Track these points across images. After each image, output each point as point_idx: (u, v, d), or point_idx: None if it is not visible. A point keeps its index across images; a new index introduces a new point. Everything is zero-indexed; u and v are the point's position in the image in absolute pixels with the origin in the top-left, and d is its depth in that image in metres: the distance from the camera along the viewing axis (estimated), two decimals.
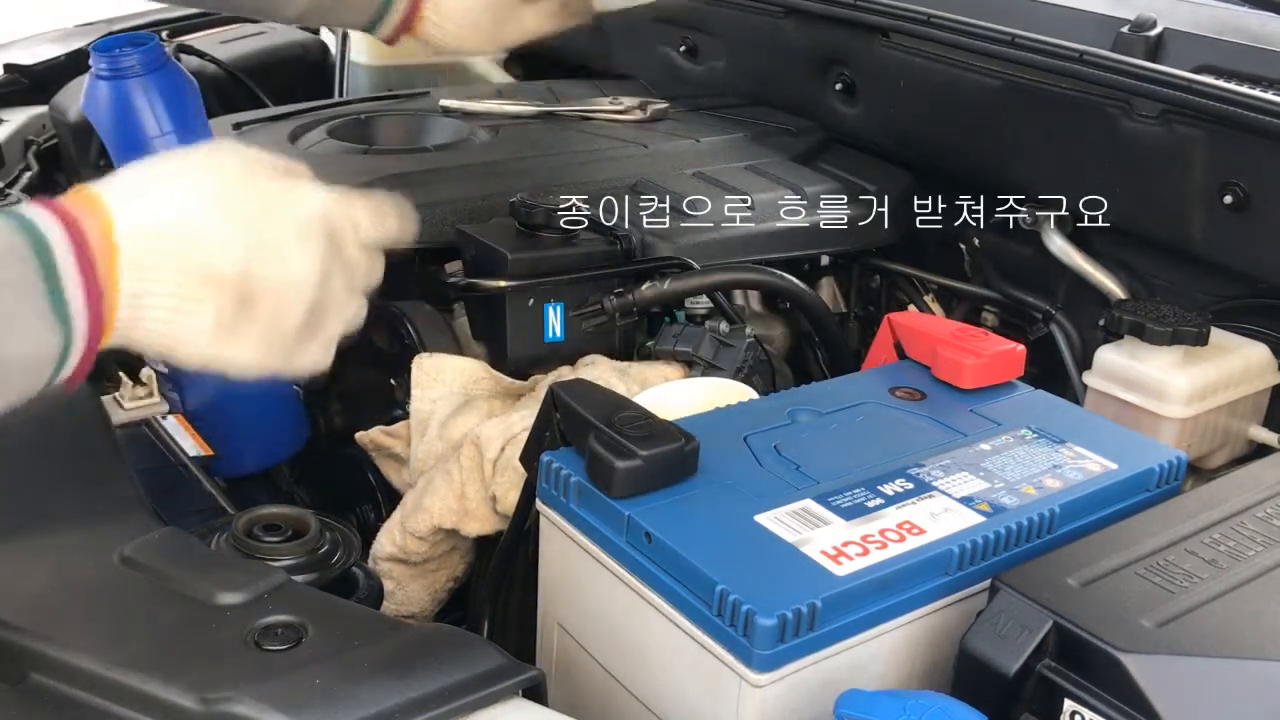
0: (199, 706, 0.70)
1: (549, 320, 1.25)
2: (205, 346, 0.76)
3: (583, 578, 0.92)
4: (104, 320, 0.72)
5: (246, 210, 0.76)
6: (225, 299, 0.75)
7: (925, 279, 1.60)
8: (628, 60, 2.02)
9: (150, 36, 1.24)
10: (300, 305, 0.78)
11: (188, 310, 0.74)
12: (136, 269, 0.72)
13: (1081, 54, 1.33)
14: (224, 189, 0.77)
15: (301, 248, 0.78)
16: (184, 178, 0.77)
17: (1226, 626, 0.77)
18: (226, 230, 0.75)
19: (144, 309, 0.73)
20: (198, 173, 0.77)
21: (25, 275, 0.67)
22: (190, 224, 0.74)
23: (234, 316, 0.76)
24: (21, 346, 0.68)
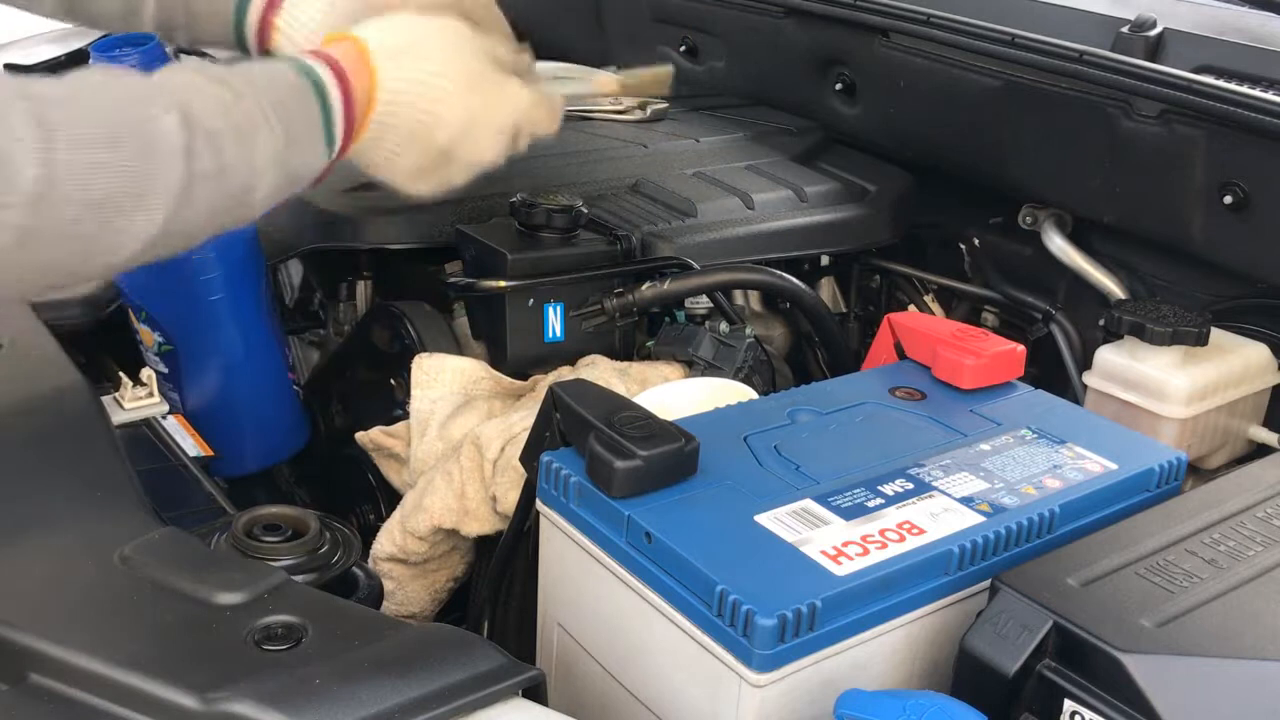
0: (199, 706, 0.70)
1: (549, 320, 1.25)
2: (399, 179, 1.02)
3: (583, 578, 0.92)
4: (347, 146, 0.96)
5: (469, 102, 1.00)
6: (429, 157, 1.01)
7: (925, 279, 1.60)
8: (628, 60, 2.02)
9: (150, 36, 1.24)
10: (473, 174, 1.04)
11: (402, 155, 1.00)
12: (380, 122, 0.97)
13: (1081, 54, 1.33)
14: (462, 74, 1.01)
15: (494, 141, 1.03)
16: (436, 55, 1.00)
17: (1226, 626, 0.77)
18: (451, 114, 0.99)
19: (374, 147, 0.98)
20: (447, 51, 1.01)
21: (311, 114, 0.91)
22: (427, 100, 0.98)
23: (430, 168, 1.01)
24: (305, 163, 0.92)
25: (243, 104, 0.86)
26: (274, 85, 0.90)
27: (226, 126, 0.84)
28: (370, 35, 0.99)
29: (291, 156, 0.89)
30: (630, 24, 1.99)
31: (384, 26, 1.00)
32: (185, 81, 0.85)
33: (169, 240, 0.81)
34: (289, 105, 0.90)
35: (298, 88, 0.91)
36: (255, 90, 0.87)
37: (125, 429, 1.13)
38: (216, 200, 0.83)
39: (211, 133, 0.82)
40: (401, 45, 0.99)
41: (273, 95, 0.89)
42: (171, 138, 0.80)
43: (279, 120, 0.88)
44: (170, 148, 0.80)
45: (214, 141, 0.82)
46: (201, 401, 1.35)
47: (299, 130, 0.90)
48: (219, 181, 0.83)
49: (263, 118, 0.86)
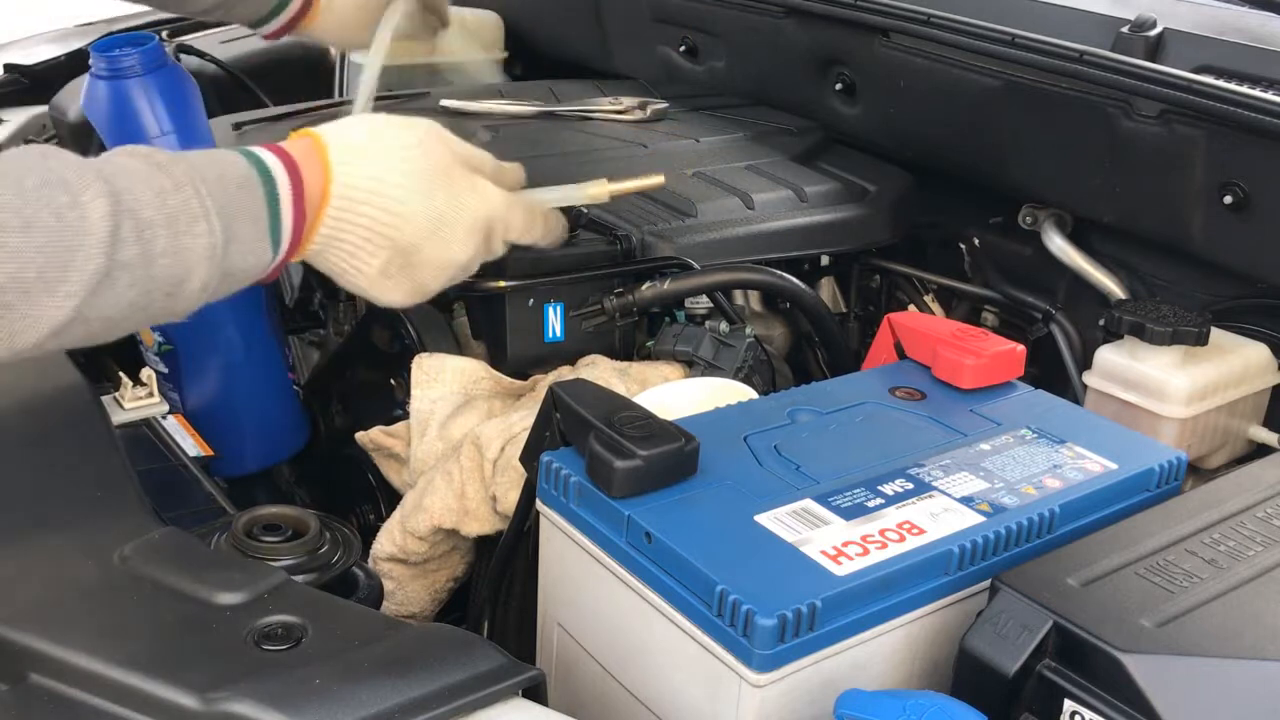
0: (199, 706, 0.70)
1: (549, 320, 1.25)
2: (365, 285, 0.97)
3: (583, 578, 0.92)
4: (300, 249, 0.93)
5: (434, 200, 0.97)
6: (394, 259, 0.96)
7: (925, 279, 1.60)
8: (628, 60, 2.02)
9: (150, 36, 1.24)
10: (446, 277, 1.01)
11: (362, 259, 0.96)
12: (335, 220, 0.93)
13: (1081, 54, 1.33)
14: (424, 172, 0.97)
15: (464, 241, 1.00)
16: (396, 152, 0.96)
17: (1226, 626, 0.77)
18: (415, 211, 0.96)
19: (330, 248, 0.94)
20: (408, 150, 0.97)
21: (257, 208, 0.87)
22: (388, 199, 0.95)
23: (396, 273, 0.97)
24: (244, 261, 0.88)
25: (181, 193, 0.82)
26: (220, 176, 0.86)
27: (160, 216, 0.80)
28: (328, 132, 0.95)
29: (231, 252, 0.86)
30: (630, 24, 1.99)
31: (344, 125, 0.97)
32: (123, 167, 0.82)
33: (84, 328, 0.79)
34: (232, 198, 0.86)
35: (244, 180, 0.88)
36: (196, 180, 0.84)
37: (125, 429, 1.14)
38: (140, 291, 0.80)
39: (142, 222, 0.79)
40: (360, 142, 0.95)
41: (216, 186, 0.85)
42: (95, 225, 0.77)
43: (219, 214, 0.84)
44: (92, 236, 0.77)
45: (144, 232, 0.79)
46: (201, 401, 1.35)
47: (241, 225, 0.86)
48: (144, 273, 0.80)
49: (201, 210, 0.83)
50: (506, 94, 1.75)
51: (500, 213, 1.02)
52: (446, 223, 0.98)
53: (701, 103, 1.79)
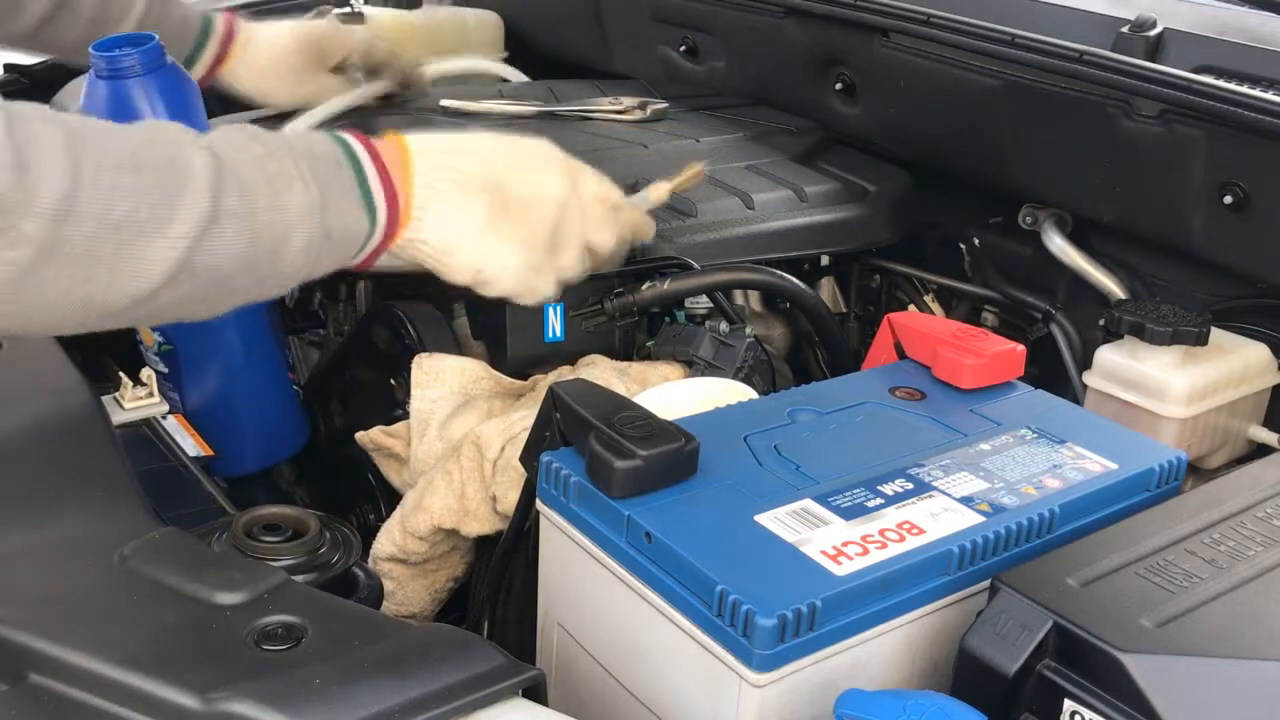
0: (199, 706, 0.70)
1: (549, 320, 1.25)
2: (476, 243, 0.97)
3: (583, 578, 0.92)
4: (400, 217, 0.95)
5: (507, 143, 1.02)
6: (492, 202, 0.97)
7: (925, 279, 1.60)
8: (628, 60, 2.02)
9: (150, 36, 1.24)
10: (547, 220, 1.01)
11: (463, 210, 0.96)
12: (424, 182, 0.95)
13: (1081, 54, 1.33)
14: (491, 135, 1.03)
15: (546, 171, 1.02)
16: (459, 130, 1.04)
17: (1226, 626, 0.77)
18: (493, 153, 1.00)
19: (429, 210, 0.96)
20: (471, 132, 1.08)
21: (343, 176, 0.91)
22: (465, 148, 0.99)
23: (499, 217, 0.98)
24: (344, 222, 0.90)
25: (276, 159, 0.86)
26: (309, 150, 0.90)
27: (258, 176, 0.84)
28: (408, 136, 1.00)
29: (329, 215, 0.89)
30: (630, 24, 1.99)
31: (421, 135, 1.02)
32: (219, 135, 0.86)
33: (195, 279, 0.81)
34: (322, 168, 0.90)
35: (331, 154, 0.92)
36: (288, 148, 0.88)
37: (125, 429, 1.14)
38: (246, 243, 0.83)
39: (243, 179, 0.83)
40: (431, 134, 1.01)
41: (307, 157, 0.89)
42: (199, 172, 0.80)
43: (314, 178, 0.88)
44: (197, 181, 0.80)
45: (244, 186, 0.83)
46: (201, 401, 1.35)
47: (334, 191, 0.90)
48: (248, 224, 0.83)
49: (296, 172, 0.87)
50: (506, 94, 1.75)
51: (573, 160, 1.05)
52: (524, 159, 1.01)
53: (701, 103, 1.79)
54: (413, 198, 0.95)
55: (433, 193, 0.96)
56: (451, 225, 0.97)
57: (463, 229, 0.97)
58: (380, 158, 0.94)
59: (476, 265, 0.99)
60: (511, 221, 0.99)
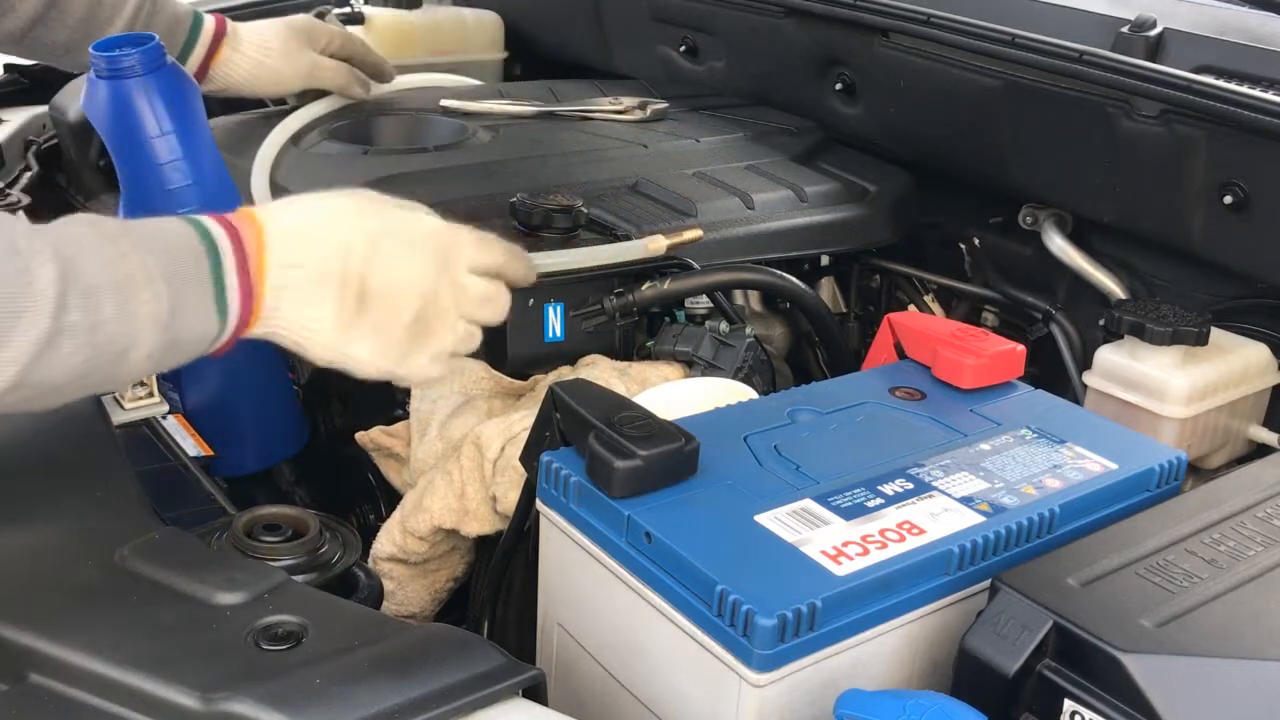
0: (199, 706, 0.70)
1: (549, 320, 1.25)
2: (330, 337, 0.92)
3: (583, 578, 0.92)
4: (251, 315, 0.90)
5: (370, 226, 0.94)
6: (346, 296, 0.91)
7: (925, 279, 1.60)
8: (628, 60, 2.02)
9: (150, 36, 1.24)
10: (408, 309, 0.94)
11: (315, 304, 0.91)
12: (276, 283, 0.90)
13: (1081, 54, 1.33)
14: (354, 209, 0.95)
15: (410, 260, 0.94)
16: (323, 200, 0.95)
17: (1226, 626, 0.77)
18: (353, 239, 0.92)
19: (279, 309, 0.90)
20: (334, 198, 0.96)
21: (200, 274, 0.86)
22: (326, 235, 0.92)
23: (353, 312, 0.92)
24: (192, 329, 0.86)
25: (128, 261, 0.81)
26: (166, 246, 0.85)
27: (107, 282, 0.80)
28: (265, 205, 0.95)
29: (178, 321, 0.84)
30: (630, 24, 1.99)
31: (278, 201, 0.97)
32: (72, 235, 0.81)
33: (27, 391, 0.78)
34: (179, 265, 0.85)
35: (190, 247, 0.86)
36: (145, 246, 0.83)
37: (125, 429, 1.13)
38: (84, 358, 0.79)
39: (89, 288, 0.79)
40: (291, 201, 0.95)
41: (162, 254, 0.84)
42: (42, 291, 0.76)
43: (165, 280, 0.83)
44: (39, 302, 0.76)
45: (90, 297, 0.78)
46: (201, 401, 1.34)
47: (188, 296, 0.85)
48: (89, 338, 0.79)
49: (145, 277, 0.82)
50: (506, 94, 1.75)
51: (444, 234, 0.98)
52: (386, 247, 0.93)
53: (701, 103, 1.79)
54: (264, 298, 0.90)
55: (284, 292, 0.90)
56: (303, 323, 0.92)
57: (315, 325, 0.92)
58: (242, 249, 0.88)
59: (329, 358, 0.94)
60: (367, 315, 0.93)
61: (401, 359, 0.95)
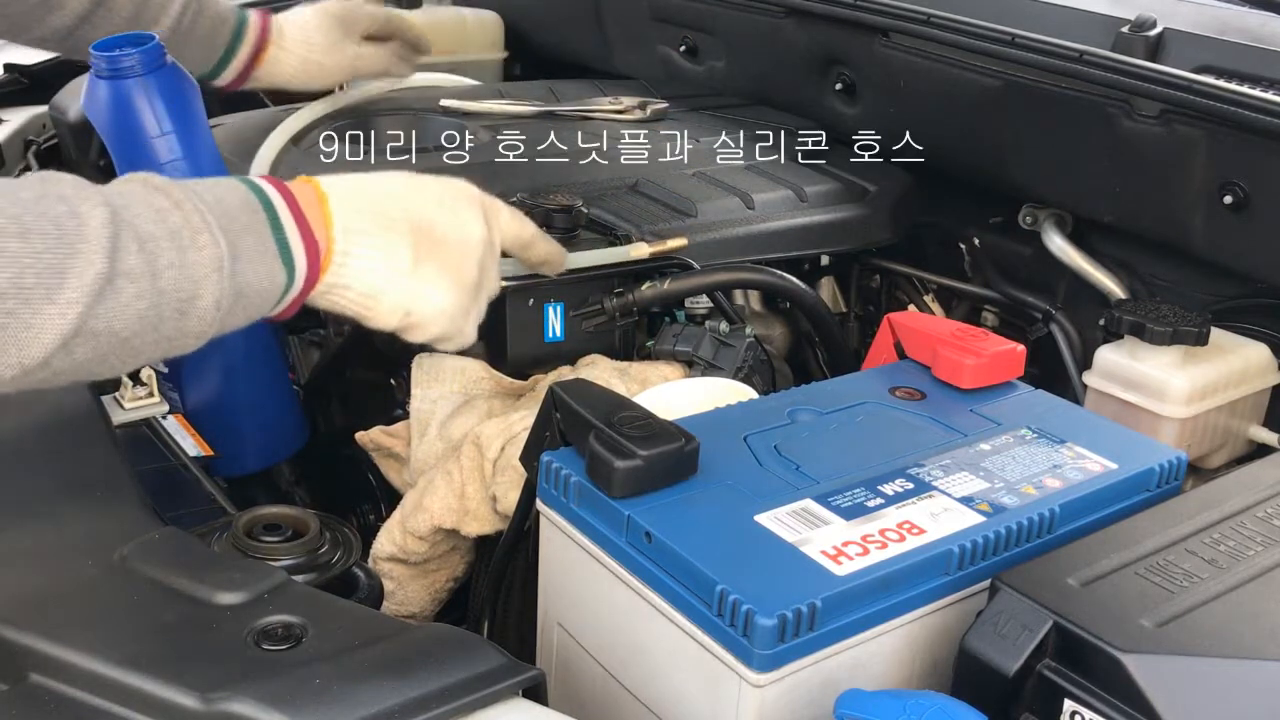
0: (199, 706, 0.70)
1: (549, 320, 1.25)
2: (404, 283, 0.92)
3: (583, 578, 0.92)
4: (320, 263, 0.89)
5: (425, 182, 0.96)
6: (420, 240, 0.92)
7: (925, 279, 1.60)
8: (628, 60, 2.02)
9: (151, 36, 1.24)
10: (475, 258, 0.96)
11: (390, 251, 0.91)
12: (345, 226, 0.90)
13: (1081, 54, 1.33)
14: (401, 173, 0.97)
15: (470, 211, 0.97)
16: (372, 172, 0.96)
17: (1226, 626, 0.78)
18: (414, 192, 0.94)
19: (352, 254, 0.90)
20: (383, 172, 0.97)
21: (256, 224, 0.85)
22: (384, 188, 0.94)
23: (428, 256, 0.93)
24: (257, 276, 0.84)
25: (181, 210, 0.81)
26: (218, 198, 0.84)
27: (162, 231, 0.79)
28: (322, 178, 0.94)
29: (240, 268, 0.83)
30: (630, 24, 1.99)
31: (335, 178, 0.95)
32: (121, 188, 0.81)
33: (94, 342, 0.76)
34: (234, 216, 0.84)
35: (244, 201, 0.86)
36: (195, 199, 0.82)
37: (125, 429, 1.13)
38: (148, 304, 0.78)
39: (144, 235, 0.78)
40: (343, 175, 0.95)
41: (215, 206, 0.83)
42: (94, 232, 0.75)
43: (222, 230, 0.82)
44: (91, 242, 0.75)
45: (146, 244, 0.78)
46: (201, 401, 1.35)
47: (245, 241, 0.84)
48: (150, 284, 0.77)
49: (203, 224, 0.81)
50: (506, 94, 1.75)
51: (483, 195, 1.00)
52: (447, 198, 0.96)
53: (701, 103, 1.79)
54: (333, 242, 0.89)
55: (355, 235, 0.90)
56: (377, 268, 0.91)
57: (389, 271, 0.91)
58: (296, 202, 0.88)
59: (406, 308, 0.94)
60: (441, 258, 0.94)
61: (466, 312, 0.98)
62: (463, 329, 0.99)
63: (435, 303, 0.95)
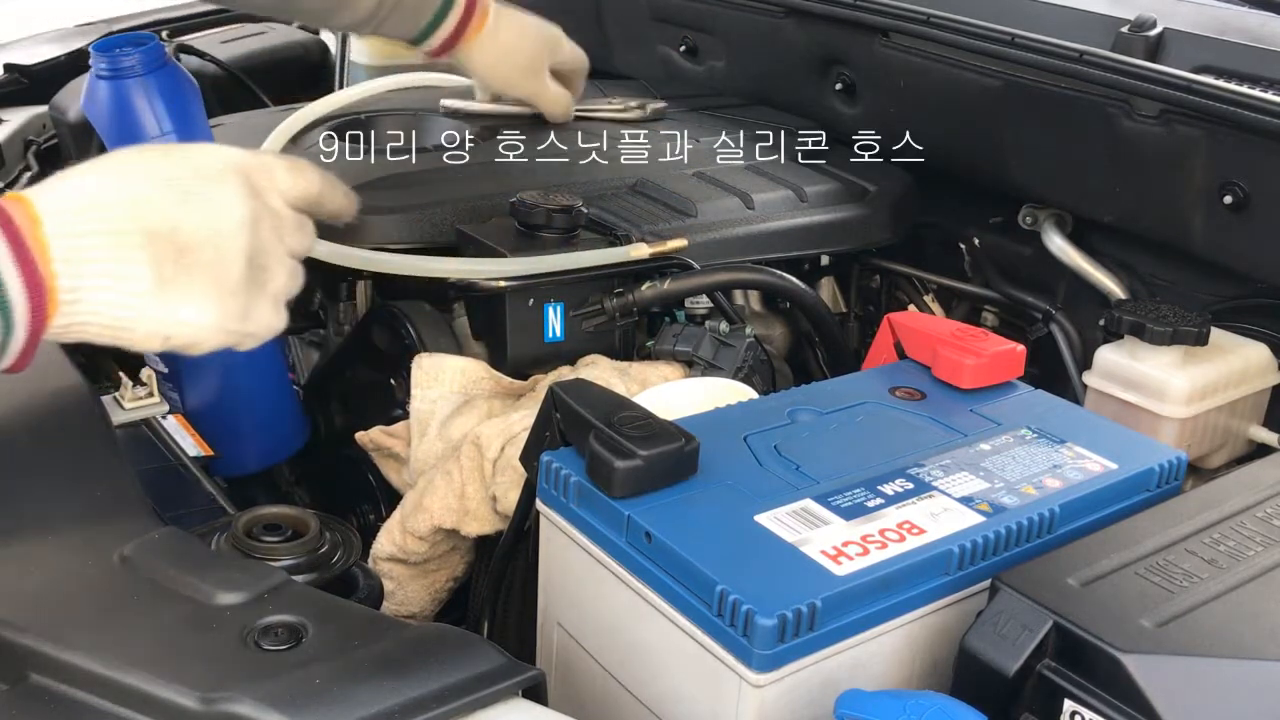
0: (199, 706, 0.70)
1: (549, 320, 1.25)
2: (152, 309, 0.76)
3: (583, 578, 0.92)
4: (45, 301, 0.72)
5: (163, 169, 0.78)
6: (160, 251, 0.75)
7: (925, 279, 1.60)
8: (628, 60, 2.02)
9: (150, 36, 1.24)
10: (237, 250, 0.79)
11: (125, 272, 0.74)
12: (66, 240, 0.73)
13: (1081, 54, 1.33)
14: (139, 159, 0.79)
15: (222, 191, 0.79)
16: (100, 162, 0.79)
17: (1226, 626, 0.77)
18: (146, 188, 0.76)
19: (82, 279, 0.73)
20: (112, 155, 0.80)
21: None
22: (110, 196, 0.75)
23: (174, 270, 0.76)
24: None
25: None
26: None
27: None
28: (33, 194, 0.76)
29: None
30: (630, 24, 1.99)
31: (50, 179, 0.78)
32: None
33: None
34: None
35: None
36: None
37: (125, 429, 1.14)
38: None
39: None
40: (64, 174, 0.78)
41: None
42: None
43: None
44: None
45: None
46: (201, 401, 1.35)
47: None
48: None
49: None
50: None
51: (248, 159, 0.82)
52: (189, 186, 0.78)
53: (701, 103, 1.79)
54: (55, 278, 0.72)
55: (83, 265, 0.73)
56: (114, 299, 0.75)
57: (130, 298, 0.75)
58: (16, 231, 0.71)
59: (161, 332, 0.78)
60: (193, 268, 0.77)
61: (245, 313, 0.81)
62: (245, 331, 0.82)
63: (193, 321, 0.78)
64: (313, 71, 2.15)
